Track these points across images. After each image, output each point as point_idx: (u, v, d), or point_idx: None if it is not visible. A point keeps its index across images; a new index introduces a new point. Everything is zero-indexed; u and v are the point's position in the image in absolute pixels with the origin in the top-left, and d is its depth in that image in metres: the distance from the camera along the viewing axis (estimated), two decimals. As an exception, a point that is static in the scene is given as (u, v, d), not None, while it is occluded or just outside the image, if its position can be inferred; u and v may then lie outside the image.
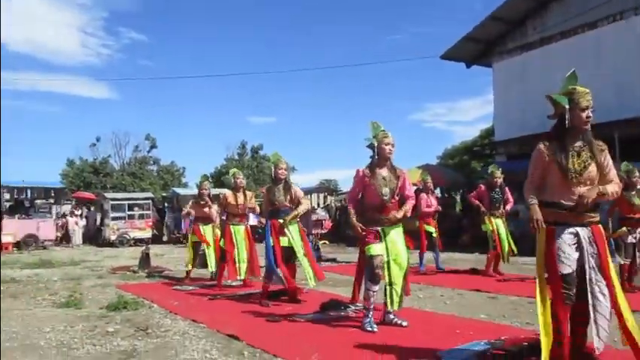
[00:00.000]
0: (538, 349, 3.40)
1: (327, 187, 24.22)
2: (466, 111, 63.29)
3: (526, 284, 7.09)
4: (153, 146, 39.71)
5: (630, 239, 6.61)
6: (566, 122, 3.24)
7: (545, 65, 14.87)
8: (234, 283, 7.69)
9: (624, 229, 6.59)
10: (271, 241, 6.00)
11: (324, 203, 22.06)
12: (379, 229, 4.66)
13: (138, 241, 19.44)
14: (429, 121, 65.50)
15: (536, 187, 3.33)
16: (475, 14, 64.46)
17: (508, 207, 8.47)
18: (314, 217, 15.50)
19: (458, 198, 19.81)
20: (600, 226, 3.30)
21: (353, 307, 5.44)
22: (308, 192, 21.71)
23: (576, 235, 3.21)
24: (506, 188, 8.53)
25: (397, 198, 4.75)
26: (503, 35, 16.61)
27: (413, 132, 61.10)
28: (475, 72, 17.16)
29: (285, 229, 5.99)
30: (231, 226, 7.42)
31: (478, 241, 13.36)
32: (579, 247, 3.21)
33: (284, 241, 6.02)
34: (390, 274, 4.61)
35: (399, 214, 4.71)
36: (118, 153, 39.74)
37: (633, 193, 6.52)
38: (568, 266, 3.17)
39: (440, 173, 18.69)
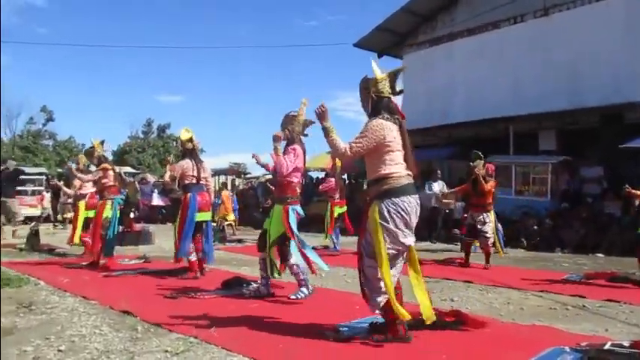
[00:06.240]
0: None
1: (237, 170, 23.86)
2: (376, 102, 64.77)
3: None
4: (49, 119, 37.14)
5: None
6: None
7: (451, 60, 15.50)
8: (132, 262, 7.38)
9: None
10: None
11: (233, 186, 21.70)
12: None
13: (28, 219, 18.10)
14: (340, 110, 66.46)
15: None
16: (389, 5, 65.88)
17: None
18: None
19: (365, 185, 20.27)
20: None
21: (255, 285, 5.37)
22: (218, 173, 21.23)
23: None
24: None
25: None
26: (415, 28, 16.99)
27: (324, 119, 61.53)
28: (386, 63, 17.48)
29: None
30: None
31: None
32: None
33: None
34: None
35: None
36: (8, 125, 36.74)
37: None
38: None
39: (350, 161, 19.04)
